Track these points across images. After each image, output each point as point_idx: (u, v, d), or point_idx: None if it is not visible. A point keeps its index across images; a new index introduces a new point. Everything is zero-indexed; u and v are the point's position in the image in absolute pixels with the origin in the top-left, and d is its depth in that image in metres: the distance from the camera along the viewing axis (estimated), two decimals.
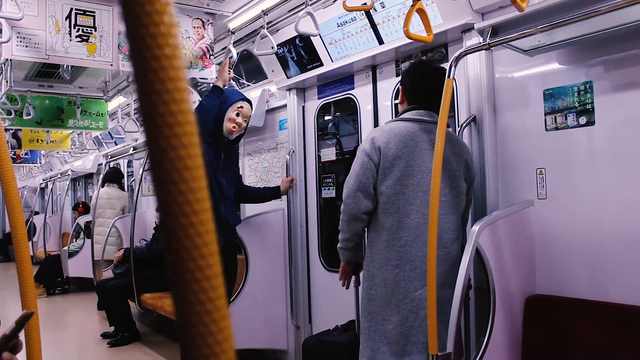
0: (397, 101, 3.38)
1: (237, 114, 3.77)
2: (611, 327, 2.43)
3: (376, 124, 3.91)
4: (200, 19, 4.32)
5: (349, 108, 4.30)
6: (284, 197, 4.53)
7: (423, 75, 2.85)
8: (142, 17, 0.40)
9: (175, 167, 0.40)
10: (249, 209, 5.05)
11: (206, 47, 4.37)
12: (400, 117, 2.83)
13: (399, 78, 3.55)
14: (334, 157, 4.45)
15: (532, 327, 2.69)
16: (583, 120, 2.66)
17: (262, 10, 3.92)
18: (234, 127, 3.74)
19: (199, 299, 0.40)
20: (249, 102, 3.92)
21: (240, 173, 4.32)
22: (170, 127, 0.40)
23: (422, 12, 2.60)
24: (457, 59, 2.49)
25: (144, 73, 0.40)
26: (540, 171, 2.83)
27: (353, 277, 3.09)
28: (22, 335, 1.23)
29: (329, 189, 4.40)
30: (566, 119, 2.73)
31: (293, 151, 4.53)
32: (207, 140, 3.69)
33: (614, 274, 2.55)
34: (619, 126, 2.55)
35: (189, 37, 4.30)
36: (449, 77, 2.42)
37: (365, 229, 2.82)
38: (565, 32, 2.49)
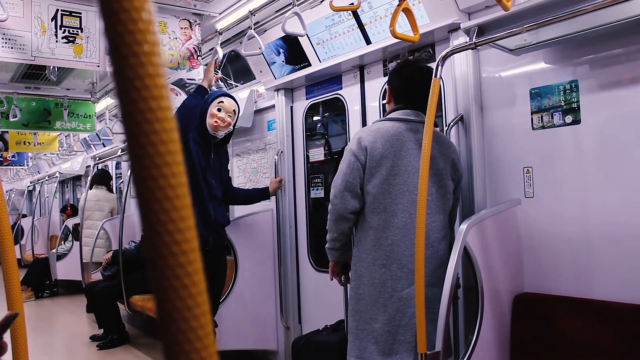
0: (384, 101, 3.39)
1: (219, 110, 3.75)
2: (598, 324, 2.45)
3: (364, 124, 3.92)
4: (188, 20, 4.30)
5: (337, 108, 4.31)
6: (273, 198, 4.53)
7: (410, 75, 2.86)
8: (120, 14, 0.40)
9: (154, 163, 0.40)
10: (238, 210, 5.04)
11: (193, 47, 4.35)
12: (387, 116, 2.83)
13: (387, 78, 3.56)
14: (322, 158, 4.45)
15: (520, 325, 2.71)
16: (569, 119, 2.68)
17: (250, 11, 3.92)
18: (215, 122, 3.72)
19: (179, 295, 0.40)
20: (232, 97, 3.90)
21: (230, 175, 4.30)
22: (150, 123, 0.40)
23: (408, 12, 2.61)
24: (444, 58, 2.50)
25: (122, 70, 0.40)
26: (527, 170, 2.84)
27: (342, 277, 3.10)
28: (7, 337, 1.22)
29: (317, 189, 4.40)
30: (552, 117, 2.74)
31: (281, 152, 4.53)
32: (196, 140, 3.68)
33: (600, 271, 2.57)
34: (605, 124, 2.57)
35: (176, 38, 4.28)
36: (435, 76, 2.43)
37: (353, 228, 2.82)
38: (551, 31, 2.51)
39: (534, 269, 2.81)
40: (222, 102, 3.78)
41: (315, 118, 4.60)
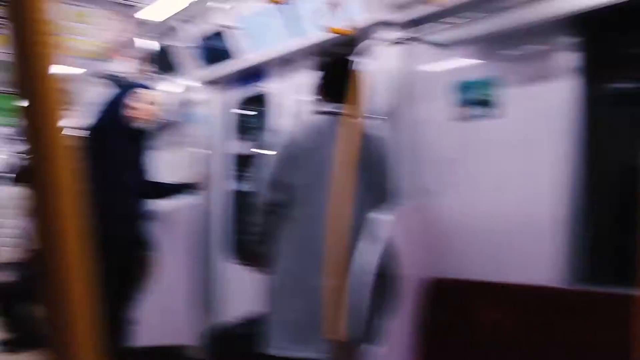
0: (311, 95, 3.41)
1: (139, 101, 3.69)
2: (508, 306, 2.55)
3: (291, 118, 3.92)
4: (114, 11, 4.22)
5: (264, 102, 4.30)
6: (198, 191, 4.46)
7: (336, 69, 2.88)
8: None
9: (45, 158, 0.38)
10: (159, 204, 4.93)
11: (120, 39, 4.26)
12: (313, 110, 2.86)
13: (314, 72, 3.58)
14: (249, 151, 4.45)
15: (435, 310, 2.77)
16: (490, 113, 2.76)
17: (179, 3, 3.86)
18: (135, 114, 3.66)
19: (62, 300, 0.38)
20: (154, 89, 3.87)
21: (153, 168, 4.21)
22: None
23: (338, 6, 2.62)
24: (371, 52, 2.53)
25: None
26: (449, 162, 2.92)
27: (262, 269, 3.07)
28: None
29: (243, 183, 4.38)
30: (475, 112, 2.82)
31: (209, 145, 4.49)
32: (116, 133, 3.61)
33: (512, 257, 2.69)
34: (522, 119, 2.68)
35: (101, 30, 4.18)
36: (360, 70, 2.46)
37: (276, 221, 2.82)
38: (477, 28, 2.58)
39: (449, 256, 2.88)
40: (143, 94, 3.72)
41: (243, 112, 4.59)
